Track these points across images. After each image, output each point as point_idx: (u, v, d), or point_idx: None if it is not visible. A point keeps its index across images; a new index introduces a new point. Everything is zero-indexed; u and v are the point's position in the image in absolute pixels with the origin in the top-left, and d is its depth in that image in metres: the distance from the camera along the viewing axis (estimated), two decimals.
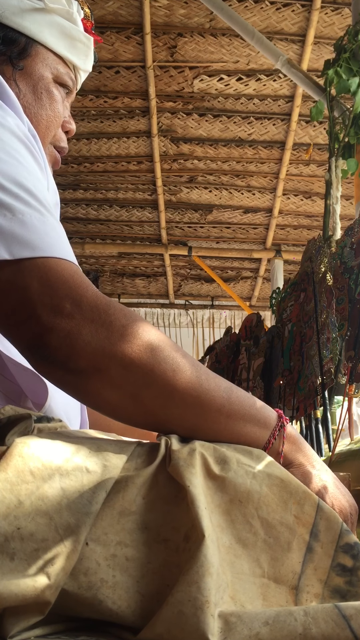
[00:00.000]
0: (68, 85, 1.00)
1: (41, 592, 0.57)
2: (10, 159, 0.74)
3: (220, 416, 0.70)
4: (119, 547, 0.61)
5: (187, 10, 3.77)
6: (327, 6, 3.67)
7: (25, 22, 0.94)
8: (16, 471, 0.60)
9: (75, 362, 0.67)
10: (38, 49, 0.95)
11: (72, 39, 0.98)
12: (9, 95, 0.84)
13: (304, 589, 0.63)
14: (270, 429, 0.74)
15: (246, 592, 0.62)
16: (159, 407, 0.69)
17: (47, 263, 0.69)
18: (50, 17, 0.96)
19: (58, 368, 0.68)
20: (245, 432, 0.72)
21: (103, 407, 0.71)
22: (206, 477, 0.64)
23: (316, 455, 0.78)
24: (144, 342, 0.68)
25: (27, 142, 0.80)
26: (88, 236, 5.60)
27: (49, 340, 0.67)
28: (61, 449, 0.63)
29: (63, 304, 0.67)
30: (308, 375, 1.99)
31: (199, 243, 5.66)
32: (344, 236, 2.00)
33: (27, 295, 0.67)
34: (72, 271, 0.70)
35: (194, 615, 0.56)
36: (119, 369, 0.67)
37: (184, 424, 0.70)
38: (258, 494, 0.65)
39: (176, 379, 0.69)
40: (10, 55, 0.93)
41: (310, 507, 0.66)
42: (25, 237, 0.69)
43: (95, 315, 0.68)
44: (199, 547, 0.58)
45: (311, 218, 5.28)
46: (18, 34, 0.93)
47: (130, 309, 0.71)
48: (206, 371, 0.72)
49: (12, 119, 0.79)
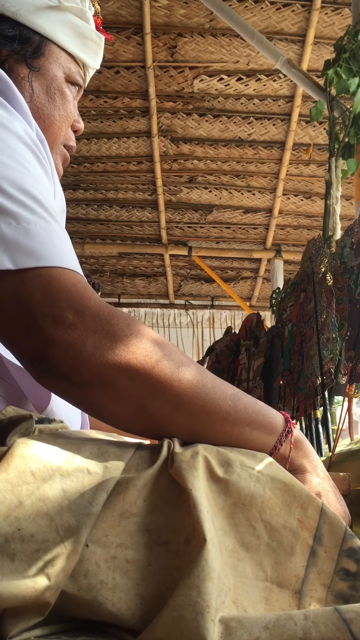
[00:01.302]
0: (79, 84, 0.99)
1: (41, 593, 0.57)
2: (17, 165, 0.72)
3: (226, 424, 0.70)
4: (119, 549, 0.61)
5: (187, 11, 3.77)
6: (327, 6, 3.67)
7: (39, 20, 0.92)
8: (17, 472, 0.60)
9: (79, 375, 0.66)
10: (51, 48, 0.94)
11: (85, 38, 0.97)
12: (18, 99, 0.82)
13: (307, 594, 0.63)
14: (277, 434, 0.73)
15: (249, 596, 0.62)
16: (165, 417, 0.69)
17: (50, 273, 0.67)
18: (64, 16, 0.94)
19: (62, 381, 0.67)
20: (251, 439, 0.71)
21: (108, 418, 0.70)
22: (209, 480, 0.64)
23: (321, 462, 0.78)
24: (148, 352, 0.67)
25: (34, 148, 0.78)
26: (88, 236, 5.60)
27: (51, 353, 0.65)
28: (62, 450, 0.63)
29: (65, 314, 0.66)
30: (308, 375, 1.99)
31: (199, 243, 5.66)
32: (344, 236, 2.00)
33: (28, 305, 0.66)
34: (75, 281, 0.68)
35: (194, 619, 0.55)
36: (124, 380, 0.66)
37: (190, 433, 0.70)
38: (262, 498, 0.65)
39: (182, 389, 0.68)
40: (25, 54, 0.91)
41: (314, 511, 0.66)
42: (29, 247, 0.67)
43: (99, 325, 0.66)
44: (200, 551, 0.58)
45: (311, 218, 5.28)
46: (32, 33, 0.92)
47: (134, 317, 0.70)
48: (212, 378, 0.71)
49: (19, 124, 0.78)
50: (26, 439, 0.64)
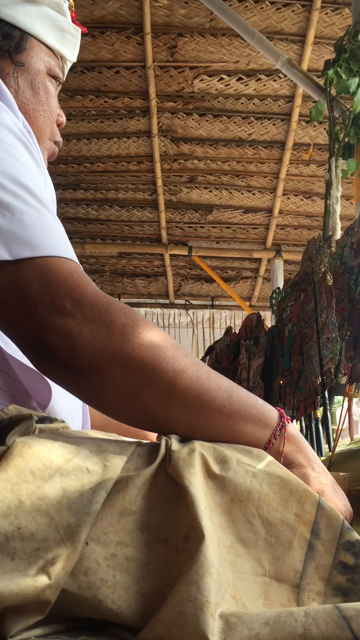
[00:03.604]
0: (59, 77, 0.99)
1: (41, 591, 0.57)
2: (8, 156, 0.73)
3: (220, 416, 0.70)
4: (119, 547, 0.61)
5: (187, 10, 3.78)
6: (327, 6, 3.67)
7: (18, 15, 0.93)
8: (17, 471, 0.60)
9: (76, 362, 0.67)
10: (32, 42, 0.95)
11: (63, 31, 0.98)
12: (3, 91, 0.83)
13: (305, 587, 0.63)
14: (271, 428, 0.73)
15: (248, 592, 0.62)
16: (159, 407, 0.69)
17: (47, 262, 0.68)
18: (41, 9, 0.95)
19: (59, 367, 0.68)
20: (245, 432, 0.72)
21: (103, 407, 0.71)
22: (206, 477, 0.64)
23: (316, 456, 0.78)
24: (144, 341, 0.68)
25: (24, 139, 0.79)
26: (88, 236, 5.60)
27: (49, 340, 0.67)
28: (62, 449, 0.63)
29: (63, 303, 0.67)
30: (308, 375, 1.99)
31: (199, 243, 5.66)
32: (344, 236, 2.00)
33: (27, 295, 0.67)
34: (72, 269, 0.69)
35: (193, 615, 0.56)
36: (120, 368, 0.67)
37: (184, 424, 0.70)
38: (258, 493, 0.65)
39: (177, 379, 0.68)
40: (8, 49, 0.92)
41: (311, 506, 0.66)
42: (24, 237, 0.68)
43: (96, 314, 0.68)
44: (199, 547, 0.58)
45: (311, 218, 5.28)
46: (12, 28, 0.93)
47: (131, 308, 0.71)
48: (207, 370, 0.71)
49: (7, 116, 0.79)
50: (26, 438, 0.64)
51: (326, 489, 0.75)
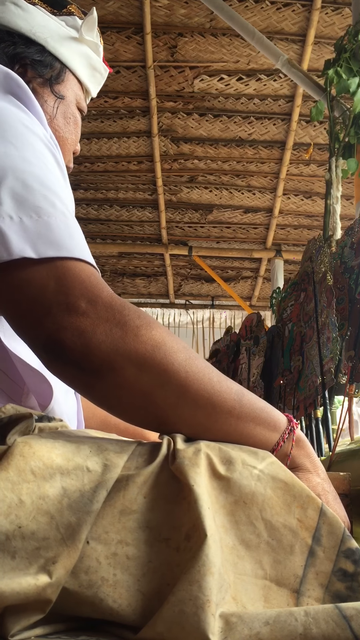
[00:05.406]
0: (84, 110, 1.11)
1: (42, 590, 0.57)
2: (39, 162, 0.76)
3: (231, 417, 0.71)
4: (119, 545, 0.61)
5: (188, 10, 3.78)
6: (328, 6, 3.67)
7: (62, 49, 1.04)
8: (17, 470, 0.60)
9: (89, 361, 0.67)
10: (69, 75, 1.06)
11: (94, 70, 1.10)
12: (35, 106, 0.87)
13: (305, 593, 0.63)
14: (279, 432, 0.74)
15: (248, 593, 0.62)
16: (171, 408, 0.70)
17: (66, 264, 0.70)
18: (82, 48, 1.07)
19: (72, 367, 0.68)
20: (255, 434, 0.72)
21: (115, 407, 0.72)
22: (211, 477, 0.64)
23: (321, 464, 0.79)
24: (158, 342, 0.69)
25: (53, 149, 0.83)
26: (88, 236, 5.57)
27: (63, 339, 0.67)
28: (62, 449, 0.63)
29: (78, 302, 0.68)
30: (308, 375, 2.00)
31: (199, 243, 5.66)
32: (344, 236, 2.00)
33: (43, 294, 0.68)
34: (90, 272, 0.71)
35: (194, 614, 0.56)
36: (133, 368, 0.68)
37: (194, 425, 0.70)
38: (262, 496, 0.65)
39: (189, 380, 0.69)
40: (49, 79, 1.02)
41: (314, 511, 0.66)
42: (50, 238, 0.70)
43: (110, 314, 0.68)
44: (201, 547, 0.59)
45: (311, 218, 5.29)
46: (55, 60, 1.03)
47: (144, 311, 0.72)
48: (218, 373, 0.72)
49: (39, 128, 0.83)
50: (26, 437, 0.64)
51: (329, 496, 0.76)
